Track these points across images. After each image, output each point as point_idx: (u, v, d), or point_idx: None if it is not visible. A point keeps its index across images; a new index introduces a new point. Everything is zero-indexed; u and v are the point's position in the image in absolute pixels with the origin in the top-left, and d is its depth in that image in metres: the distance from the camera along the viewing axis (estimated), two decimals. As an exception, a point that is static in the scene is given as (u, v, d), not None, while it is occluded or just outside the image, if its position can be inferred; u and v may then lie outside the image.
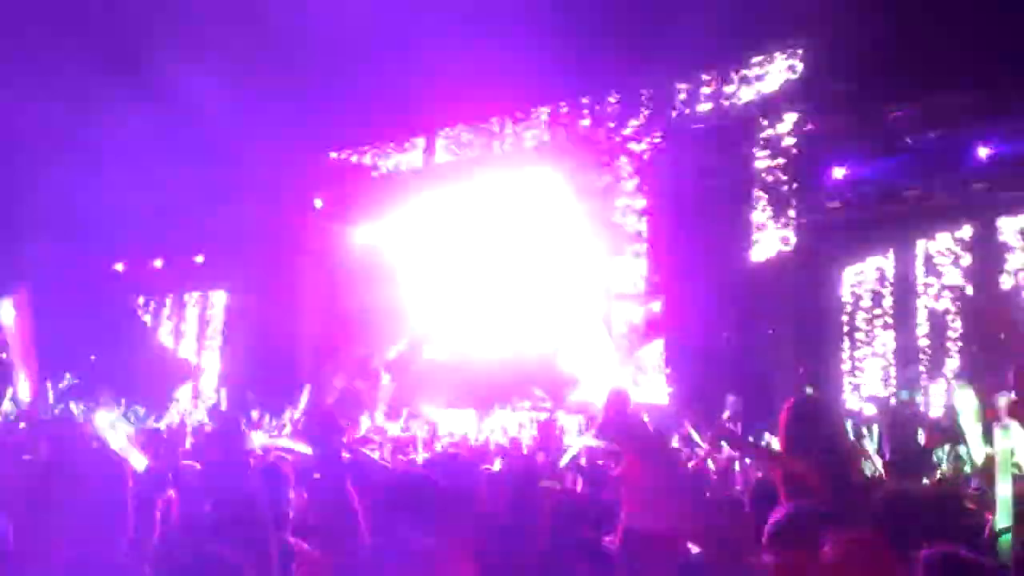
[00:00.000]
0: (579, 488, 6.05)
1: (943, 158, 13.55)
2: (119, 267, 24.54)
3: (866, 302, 14.49)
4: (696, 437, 8.50)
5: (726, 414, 7.46)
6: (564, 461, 7.95)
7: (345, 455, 5.58)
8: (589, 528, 4.62)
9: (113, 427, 4.34)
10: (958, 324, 13.55)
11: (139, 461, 4.27)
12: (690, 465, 7.39)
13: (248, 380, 19.93)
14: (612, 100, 17.00)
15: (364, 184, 21.04)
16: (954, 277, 13.71)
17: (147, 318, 25.03)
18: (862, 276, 14.57)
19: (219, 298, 23.55)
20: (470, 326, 20.21)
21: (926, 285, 13.92)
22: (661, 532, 4.35)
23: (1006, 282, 13.16)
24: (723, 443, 5.42)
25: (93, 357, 21.81)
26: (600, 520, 4.95)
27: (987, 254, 13.47)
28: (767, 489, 4.23)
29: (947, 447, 7.54)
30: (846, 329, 14.56)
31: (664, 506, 4.48)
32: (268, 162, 19.21)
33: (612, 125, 16.91)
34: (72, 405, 12.64)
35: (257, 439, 8.94)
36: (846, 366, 14.45)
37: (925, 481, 7.07)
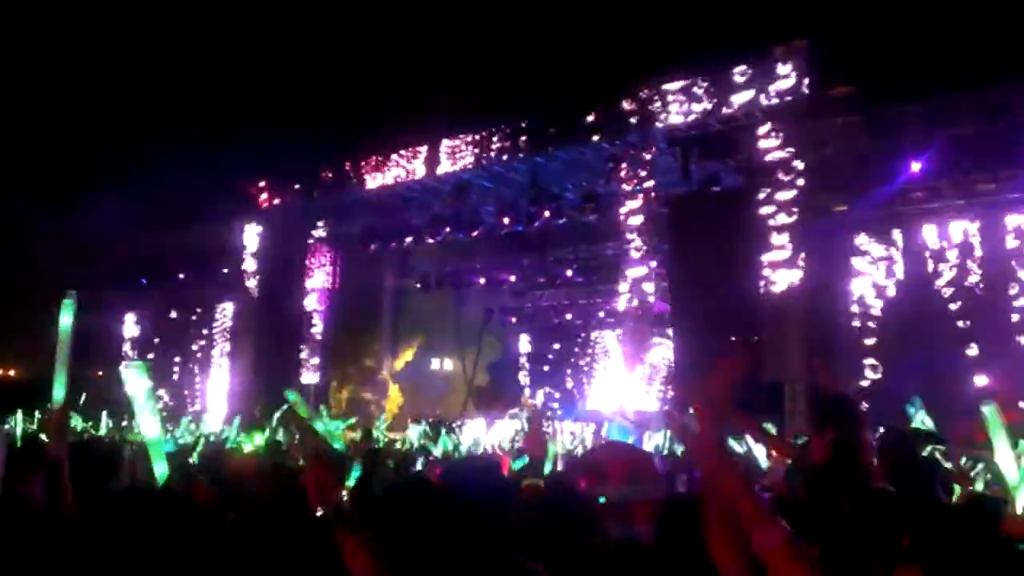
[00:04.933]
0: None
1: (948, 157, 13.51)
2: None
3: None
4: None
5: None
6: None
7: None
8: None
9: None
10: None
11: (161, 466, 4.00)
12: None
13: (255, 390, 20.00)
14: (606, 108, 16.92)
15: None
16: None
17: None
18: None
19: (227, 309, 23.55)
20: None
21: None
22: None
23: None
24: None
25: (100, 373, 21.92)
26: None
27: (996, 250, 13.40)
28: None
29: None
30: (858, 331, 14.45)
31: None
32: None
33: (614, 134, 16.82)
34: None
35: None
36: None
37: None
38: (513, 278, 22.75)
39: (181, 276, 23.77)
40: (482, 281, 22.72)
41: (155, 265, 24.06)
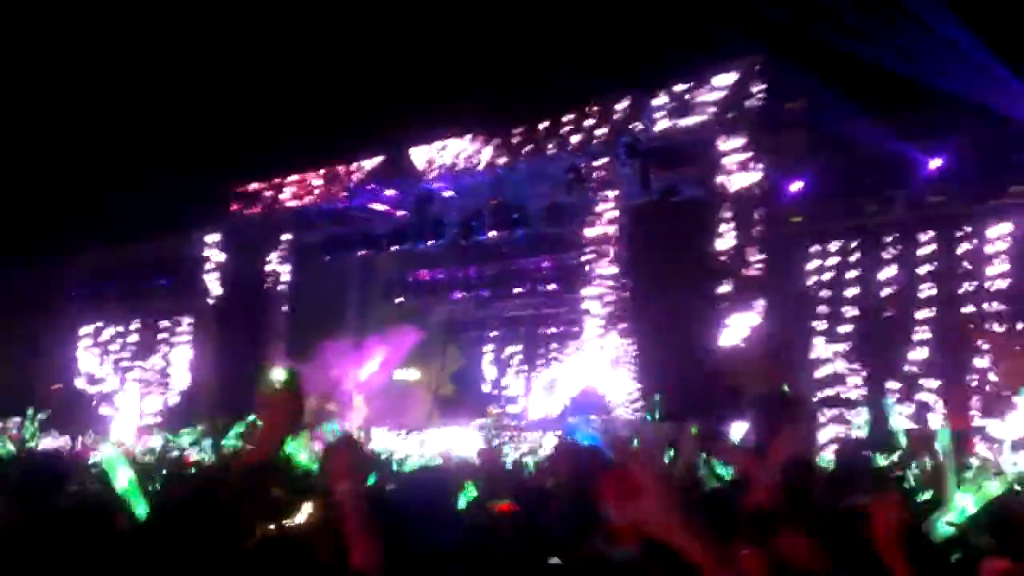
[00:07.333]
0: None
1: (898, 171, 13.89)
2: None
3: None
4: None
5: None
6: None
7: None
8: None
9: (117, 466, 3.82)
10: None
11: (141, 507, 3.79)
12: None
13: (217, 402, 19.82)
14: (567, 120, 17.12)
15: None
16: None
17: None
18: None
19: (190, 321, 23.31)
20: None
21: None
22: None
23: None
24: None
25: (57, 386, 21.59)
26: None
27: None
28: None
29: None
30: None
31: None
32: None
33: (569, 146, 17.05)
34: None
35: None
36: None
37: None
38: (477, 287, 22.76)
39: (144, 287, 23.51)
40: (446, 291, 22.70)
41: (117, 276, 23.77)
